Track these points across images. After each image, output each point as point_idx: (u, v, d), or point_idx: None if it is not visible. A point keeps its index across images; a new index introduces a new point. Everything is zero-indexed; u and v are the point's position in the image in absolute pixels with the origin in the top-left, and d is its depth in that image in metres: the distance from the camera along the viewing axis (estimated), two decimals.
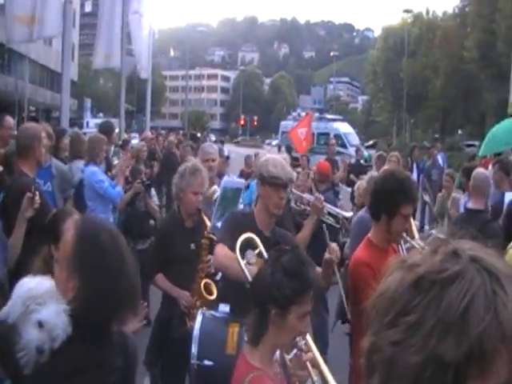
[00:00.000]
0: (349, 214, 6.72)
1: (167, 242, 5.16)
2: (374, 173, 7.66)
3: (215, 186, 5.95)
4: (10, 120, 7.55)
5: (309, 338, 2.93)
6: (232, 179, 5.71)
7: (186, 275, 4.92)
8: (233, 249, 3.77)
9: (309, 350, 2.86)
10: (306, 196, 6.76)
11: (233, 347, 3.70)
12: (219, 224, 4.93)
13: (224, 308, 3.95)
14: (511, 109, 15.67)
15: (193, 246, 5.06)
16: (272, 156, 4.52)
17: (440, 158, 18.38)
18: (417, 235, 4.54)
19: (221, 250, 4.02)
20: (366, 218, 5.55)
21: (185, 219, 5.23)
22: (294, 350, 2.88)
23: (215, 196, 5.76)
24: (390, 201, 3.85)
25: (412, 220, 4.61)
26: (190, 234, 5.14)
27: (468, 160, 15.24)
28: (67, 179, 7.21)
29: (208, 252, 4.88)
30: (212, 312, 4.03)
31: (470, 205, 6.80)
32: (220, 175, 7.18)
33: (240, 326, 3.70)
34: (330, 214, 6.53)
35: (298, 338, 2.78)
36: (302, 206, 6.72)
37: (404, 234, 3.96)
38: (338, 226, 6.60)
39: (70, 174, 7.48)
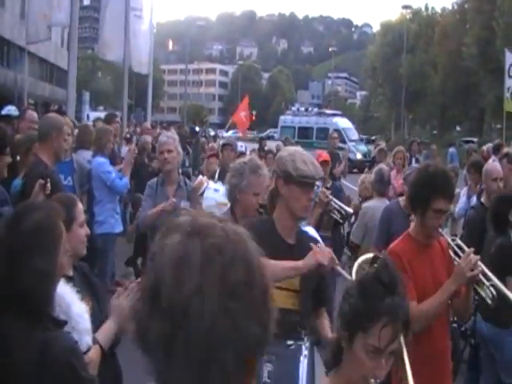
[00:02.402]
0: (351, 210, 6.85)
1: None
2: (382, 165, 7.83)
3: (201, 177, 5.80)
4: (32, 114, 7.78)
5: None
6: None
7: None
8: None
9: None
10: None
11: None
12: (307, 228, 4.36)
13: None
14: (507, 106, 15.66)
15: None
16: (297, 150, 3.73)
17: (453, 155, 18.91)
18: None
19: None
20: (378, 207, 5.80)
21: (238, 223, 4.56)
22: None
23: (202, 189, 5.67)
24: (420, 195, 3.83)
25: None
26: None
27: (467, 156, 15.43)
28: (85, 174, 7.39)
29: None
30: None
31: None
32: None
33: None
34: (335, 208, 6.67)
35: (371, 381, 2.21)
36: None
37: (440, 230, 3.86)
38: (341, 221, 6.74)
39: (87, 169, 7.62)
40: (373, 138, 44.99)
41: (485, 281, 3.64)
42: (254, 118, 23.22)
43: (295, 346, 3.19)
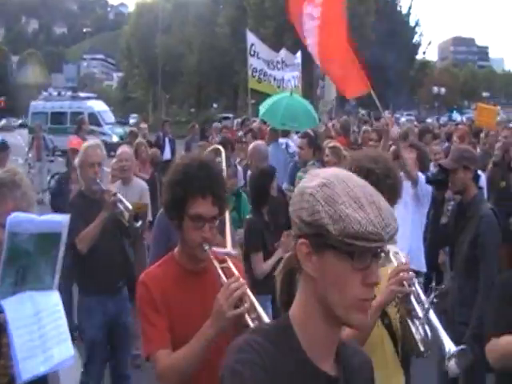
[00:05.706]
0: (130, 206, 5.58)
1: None
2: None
3: None
4: None
5: None
6: (26, 217, 2.59)
7: None
8: None
9: None
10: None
11: None
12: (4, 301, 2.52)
13: None
14: (251, 83, 16.08)
15: None
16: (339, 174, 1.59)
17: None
18: (229, 247, 3.45)
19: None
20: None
21: None
22: None
23: None
24: (172, 198, 2.70)
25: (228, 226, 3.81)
26: None
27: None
28: None
29: None
30: None
31: None
32: None
33: None
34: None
35: None
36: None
37: (214, 248, 2.72)
38: (127, 224, 5.51)
39: None
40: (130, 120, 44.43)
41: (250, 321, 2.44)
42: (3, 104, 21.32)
43: None
